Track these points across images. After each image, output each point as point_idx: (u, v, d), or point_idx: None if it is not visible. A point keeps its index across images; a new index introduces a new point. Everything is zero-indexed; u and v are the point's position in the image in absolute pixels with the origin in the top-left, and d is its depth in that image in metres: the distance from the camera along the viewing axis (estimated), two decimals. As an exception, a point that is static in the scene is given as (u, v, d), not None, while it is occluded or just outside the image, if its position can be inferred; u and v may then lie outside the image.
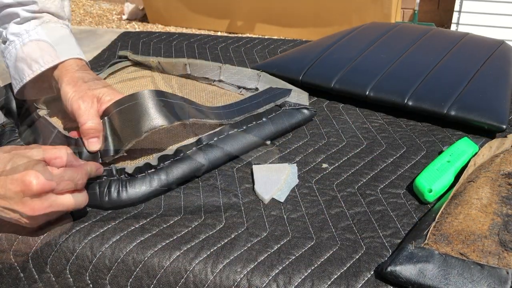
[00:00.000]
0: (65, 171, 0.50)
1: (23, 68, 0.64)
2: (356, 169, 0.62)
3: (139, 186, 0.56)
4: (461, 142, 0.63)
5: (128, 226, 0.53)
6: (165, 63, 0.84)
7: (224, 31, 3.04)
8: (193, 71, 0.82)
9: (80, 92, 0.60)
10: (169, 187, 0.58)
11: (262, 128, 0.67)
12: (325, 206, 0.56)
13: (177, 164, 0.59)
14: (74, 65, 0.64)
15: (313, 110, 0.73)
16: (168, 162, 0.59)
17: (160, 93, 0.58)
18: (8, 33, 0.66)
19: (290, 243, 0.50)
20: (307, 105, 0.73)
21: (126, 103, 0.57)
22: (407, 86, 0.74)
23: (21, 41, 0.65)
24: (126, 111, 0.57)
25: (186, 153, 0.60)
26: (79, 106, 0.59)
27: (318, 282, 0.46)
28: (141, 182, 0.56)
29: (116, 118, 0.57)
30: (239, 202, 0.57)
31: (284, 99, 0.71)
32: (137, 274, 0.50)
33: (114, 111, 0.57)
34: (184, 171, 0.59)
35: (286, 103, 0.71)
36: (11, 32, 0.65)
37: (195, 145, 0.61)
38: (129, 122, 0.56)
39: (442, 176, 0.57)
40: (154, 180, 0.57)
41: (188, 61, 0.82)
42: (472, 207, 0.50)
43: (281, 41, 1.07)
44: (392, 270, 0.44)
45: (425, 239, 0.46)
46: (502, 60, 0.80)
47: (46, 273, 0.53)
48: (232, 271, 0.47)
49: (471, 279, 0.42)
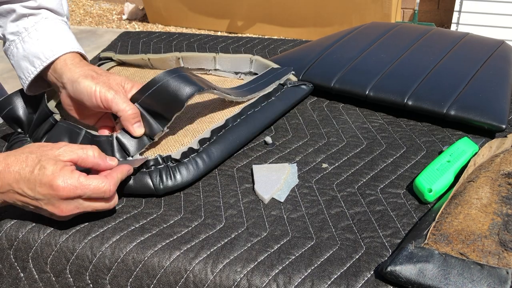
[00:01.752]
0: (92, 180, 0.50)
1: (27, 66, 0.64)
2: (356, 169, 0.62)
3: (187, 170, 0.59)
4: (461, 142, 0.63)
5: (128, 226, 0.53)
6: (154, 60, 0.84)
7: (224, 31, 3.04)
8: (187, 63, 0.83)
9: (104, 83, 0.60)
10: (213, 167, 0.62)
11: (274, 106, 0.74)
12: (325, 206, 0.56)
13: (215, 145, 0.63)
14: (77, 59, 0.63)
15: (310, 85, 0.80)
16: (206, 145, 0.63)
17: (182, 68, 0.62)
18: (6, 33, 0.65)
19: (290, 243, 0.51)
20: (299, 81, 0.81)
21: (155, 84, 0.59)
22: (407, 86, 0.74)
23: (21, 40, 0.64)
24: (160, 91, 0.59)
25: (218, 135, 0.65)
26: (113, 96, 0.59)
27: (318, 282, 0.46)
28: (188, 166, 0.60)
29: (151, 100, 0.60)
30: (239, 202, 0.57)
31: (287, 76, 0.78)
32: (137, 274, 0.50)
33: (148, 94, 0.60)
34: (222, 151, 0.63)
35: (287, 81, 0.79)
36: (10, 32, 0.65)
37: (224, 127, 0.66)
38: (167, 98, 0.59)
39: (442, 176, 0.57)
40: (199, 162, 0.60)
41: (181, 55, 0.83)
42: (472, 207, 0.50)
43: (281, 41, 1.07)
44: (392, 270, 0.44)
45: (425, 239, 0.46)
46: (502, 60, 0.80)
47: (46, 273, 0.53)
48: (232, 271, 0.47)
49: (471, 279, 0.42)
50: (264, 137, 0.70)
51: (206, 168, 0.61)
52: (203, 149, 0.62)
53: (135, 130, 0.59)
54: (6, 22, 0.65)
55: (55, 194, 0.48)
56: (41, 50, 0.63)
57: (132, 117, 0.59)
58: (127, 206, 0.57)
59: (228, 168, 0.64)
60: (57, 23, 0.66)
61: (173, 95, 0.58)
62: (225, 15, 3.01)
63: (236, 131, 0.67)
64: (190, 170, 0.59)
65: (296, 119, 0.75)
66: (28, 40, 0.64)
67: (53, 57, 0.62)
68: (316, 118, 0.75)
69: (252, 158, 0.65)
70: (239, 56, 0.83)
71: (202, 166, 0.60)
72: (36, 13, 0.66)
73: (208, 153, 0.62)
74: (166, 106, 0.59)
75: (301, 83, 0.80)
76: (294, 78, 0.81)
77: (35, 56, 0.63)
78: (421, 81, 0.75)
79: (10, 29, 0.65)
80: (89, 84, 0.59)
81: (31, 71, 0.64)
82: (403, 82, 0.75)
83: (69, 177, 0.49)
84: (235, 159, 0.65)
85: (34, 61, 0.63)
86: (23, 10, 0.65)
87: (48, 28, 0.65)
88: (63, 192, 0.48)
